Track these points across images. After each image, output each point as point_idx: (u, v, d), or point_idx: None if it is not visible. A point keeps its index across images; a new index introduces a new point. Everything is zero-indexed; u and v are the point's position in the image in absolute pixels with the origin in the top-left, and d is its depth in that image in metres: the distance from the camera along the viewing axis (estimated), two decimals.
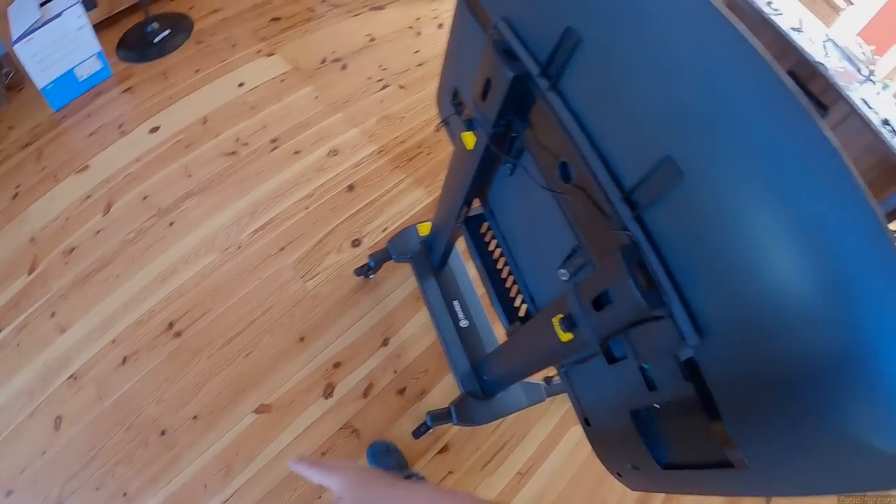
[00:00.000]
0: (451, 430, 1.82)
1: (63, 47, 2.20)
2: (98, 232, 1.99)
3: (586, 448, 1.21)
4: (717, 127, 0.54)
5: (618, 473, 1.02)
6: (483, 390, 1.64)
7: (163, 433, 1.72)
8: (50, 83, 2.21)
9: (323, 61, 2.60)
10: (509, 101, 0.90)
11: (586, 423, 1.12)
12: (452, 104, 1.28)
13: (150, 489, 1.66)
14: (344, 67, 2.61)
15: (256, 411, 1.77)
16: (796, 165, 0.47)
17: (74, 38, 2.22)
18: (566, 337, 0.89)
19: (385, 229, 2.16)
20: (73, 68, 2.26)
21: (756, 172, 0.51)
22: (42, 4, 2.14)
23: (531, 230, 1.15)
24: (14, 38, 2.05)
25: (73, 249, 1.96)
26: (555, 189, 0.88)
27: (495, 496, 1.76)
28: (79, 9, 2.20)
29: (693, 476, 0.79)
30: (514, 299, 1.36)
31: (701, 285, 0.62)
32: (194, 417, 1.75)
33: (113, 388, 1.76)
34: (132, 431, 1.72)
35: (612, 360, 0.91)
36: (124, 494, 1.65)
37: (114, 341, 1.82)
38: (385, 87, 2.59)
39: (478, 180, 1.23)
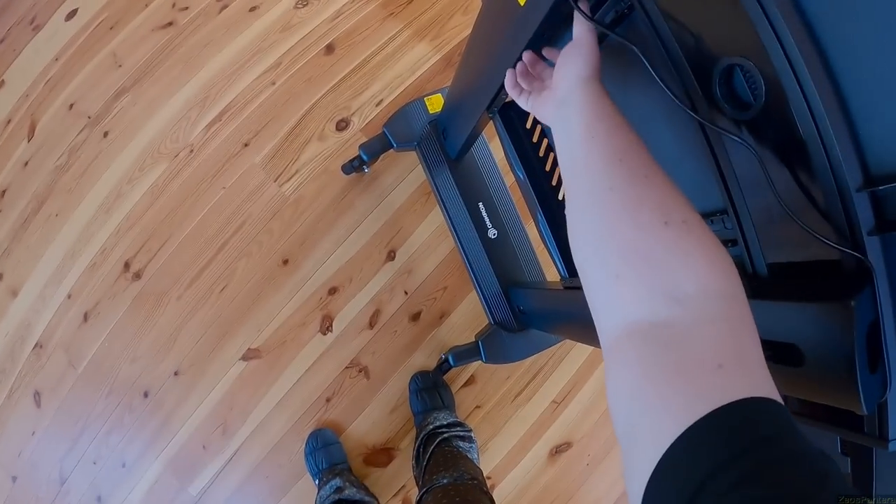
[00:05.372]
0: None
1: None
2: (27, 163, 1.61)
3: None
4: None
5: None
6: (518, 322, 1.25)
7: (146, 395, 1.48)
8: None
9: None
10: None
11: None
12: None
13: (148, 456, 1.48)
14: None
15: (244, 358, 1.46)
16: None
17: None
18: None
19: (380, 102, 1.59)
20: None
21: None
22: None
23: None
24: None
25: (4, 192, 1.61)
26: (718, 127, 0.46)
27: (527, 427, 1.55)
28: None
29: None
30: None
31: None
32: (175, 373, 1.47)
33: (82, 352, 1.51)
34: (114, 396, 1.50)
35: None
36: (123, 465, 1.49)
37: (69, 296, 1.53)
38: None
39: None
